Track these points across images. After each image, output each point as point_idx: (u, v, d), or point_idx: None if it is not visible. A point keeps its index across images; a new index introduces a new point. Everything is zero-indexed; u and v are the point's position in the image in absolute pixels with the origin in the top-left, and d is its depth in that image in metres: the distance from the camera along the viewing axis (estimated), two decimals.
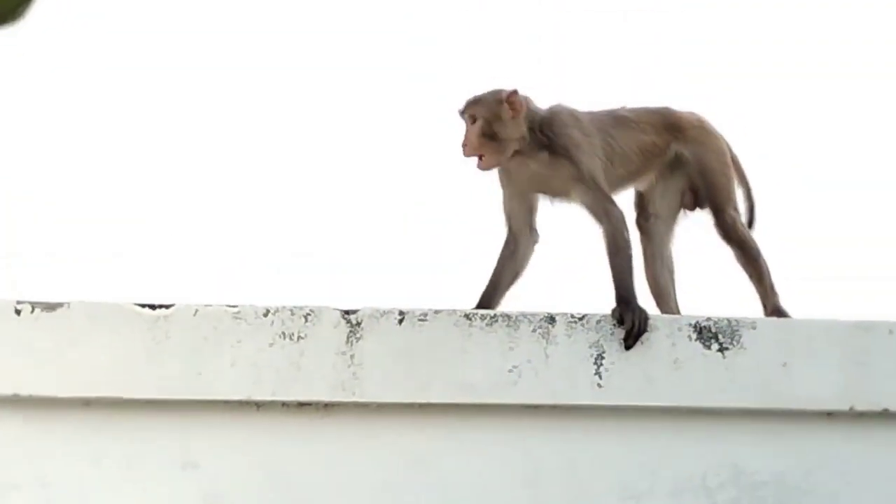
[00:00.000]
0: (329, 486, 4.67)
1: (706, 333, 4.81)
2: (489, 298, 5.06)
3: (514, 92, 5.03)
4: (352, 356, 4.69)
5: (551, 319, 4.76)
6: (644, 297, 5.02)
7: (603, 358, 4.77)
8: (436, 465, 4.73)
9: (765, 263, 5.19)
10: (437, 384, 4.71)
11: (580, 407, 4.75)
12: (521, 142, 4.99)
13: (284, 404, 4.68)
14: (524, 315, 4.77)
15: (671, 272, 5.31)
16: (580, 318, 4.79)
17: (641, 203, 5.30)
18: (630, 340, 4.75)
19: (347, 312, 4.72)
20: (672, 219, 5.31)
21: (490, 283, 5.09)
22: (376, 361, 4.70)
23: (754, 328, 4.83)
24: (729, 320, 4.83)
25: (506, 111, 4.99)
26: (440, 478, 4.72)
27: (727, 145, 5.31)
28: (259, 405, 4.68)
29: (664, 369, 4.78)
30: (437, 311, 4.75)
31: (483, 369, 4.73)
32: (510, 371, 4.74)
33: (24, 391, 4.59)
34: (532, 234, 5.13)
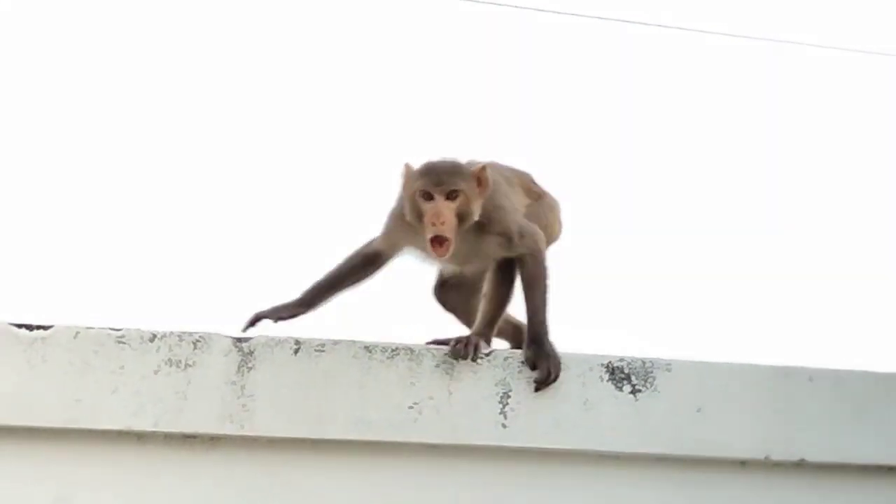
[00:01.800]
0: None
1: (618, 374, 4.59)
2: (322, 293, 4.63)
3: (484, 168, 4.57)
4: (242, 387, 4.42)
5: None
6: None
7: (509, 397, 4.53)
8: None
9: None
10: (333, 419, 4.45)
11: (484, 448, 4.50)
12: None
13: (168, 436, 4.40)
14: (428, 349, 4.52)
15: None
16: (486, 355, 4.55)
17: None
18: (542, 386, 4.49)
19: (240, 340, 4.46)
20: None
21: (330, 280, 4.65)
22: (269, 393, 4.43)
23: (669, 370, 4.61)
24: (643, 361, 4.61)
25: (475, 187, 4.55)
26: None
27: None
28: (140, 436, 4.39)
29: (573, 411, 4.54)
30: (335, 342, 4.49)
31: (382, 405, 4.47)
32: (410, 408, 4.48)
33: None
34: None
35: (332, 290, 4.69)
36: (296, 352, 4.47)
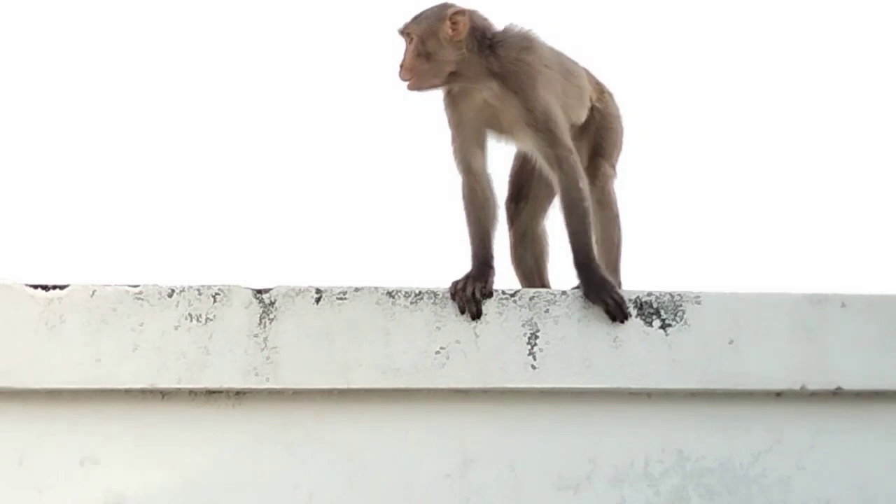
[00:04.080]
0: (242, 482, 4.33)
1: (647, 309, 4.50)
2: (485, 249, 4.57)
3: (460, 11, 4.65)
4: (265, 339, 4.35)
5: None
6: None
7: (537, 337, 4.44)
8: (358, 456, 4.40)
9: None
10: (359, 368, 4.38)
11: (513, 390, 4.43)
12: (462, 65, 4.59)
13: (192, 392, 4.35)
14: None
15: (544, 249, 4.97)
16: (512, 295, 4.47)
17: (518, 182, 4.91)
18: (613, 316, 4.43)
19: (260, 291, 4.39)
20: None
21: (478, 236, 4.60)
22: (292, 344, 4.36)
23: (699, 303, 4.52)
24: (672, 295, 4.52)
25: (445, 30, 4.61)
26: (363, 469, 4.39)
27: None
28: (164, 394, 4.34)
29: (603, 349, 4.46)
30: (357, 289, 4.42)
31: (408, 351, 4.40)
32: (437, 353, 4.41)
33: None
34: (488, 176, 4.68)
35: (488, 238, 4.62)
36: (317, 301, 4.40)
